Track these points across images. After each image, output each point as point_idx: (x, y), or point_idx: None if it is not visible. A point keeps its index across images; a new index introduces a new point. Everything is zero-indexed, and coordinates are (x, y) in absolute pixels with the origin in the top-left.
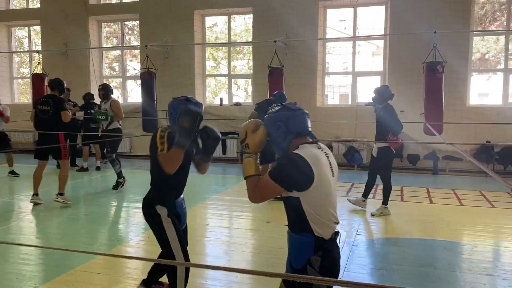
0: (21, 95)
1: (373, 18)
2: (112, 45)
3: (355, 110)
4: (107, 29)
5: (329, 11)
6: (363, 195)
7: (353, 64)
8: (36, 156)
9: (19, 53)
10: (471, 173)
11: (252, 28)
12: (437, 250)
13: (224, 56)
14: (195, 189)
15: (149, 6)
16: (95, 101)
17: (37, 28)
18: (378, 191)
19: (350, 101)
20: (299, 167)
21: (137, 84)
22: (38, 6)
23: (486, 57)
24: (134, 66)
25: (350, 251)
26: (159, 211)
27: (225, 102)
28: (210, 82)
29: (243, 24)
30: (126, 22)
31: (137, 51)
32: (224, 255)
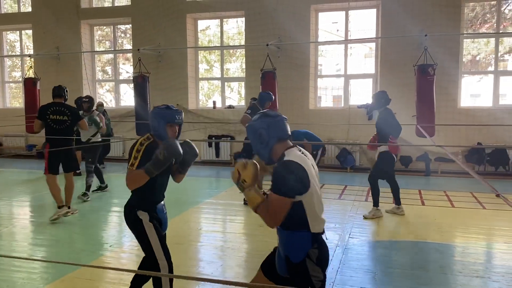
0: (13, 99)
1: (365, 21)
2: (105, 49)
3: (348, 113)
4: (100, 33)
5: (321, 14)
6: (396, 203)
7: (345, 67)
8: (51, 170)
9: (11, 57)
10: (463, 175)
11: (245, 31)
12: (429, 253)
13: (217, 59)
14: (188, 193)
15: (142, 10)
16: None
17: (29, 32)
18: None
19: (343, 104)
20: (298, 174)
21: (130, 88)
22: (30, 10)
23: (477, 59)
24: (127, 70)
25: (343, 254)
26: (141, 216)
27: (218, 105)
28: (203, 85)
29: (236, 27)
30: (119, 26)
31: (130, 55)
32: (218, 260)
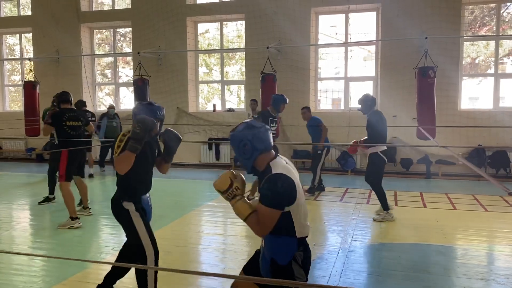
0: (12, 103)
1: (365, 24)
2: (104, 52)
3: (348, 115)
4: (99, 36)
5: (321, 17)
6: (384, 208)
7: (346, 70)
8: (69, 178)
9: (10, 61)
10: (464, 177)
11: (245, 35)
12: (432, 255)
13: (217, 63)
14: (189, 196)
15: (142, 13)
16: (87, 108)
17: (29, 36)
18: (373, 195)
19: (343, 106)
20: (287, 187)
21: (130, 91)
22: (30, 14)
23: (476, 62)
24: (127, 73)
25: (346, 257)
26: (127, 207)
27: (218, 108)
28: (203, 88)
29: (235, 31)
30: (118, 29)
31: (130, 58)
32: (220, 263)
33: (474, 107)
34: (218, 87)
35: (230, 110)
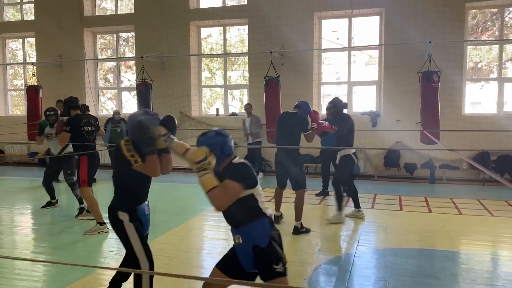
0: (15, 107)
1: (368, 28)
2: (107, 57)
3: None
4: (102, 41)
5: (324, 22)
6: (356, 206)
7: (349, 74)
8: (90, 183)
9: (13, 65)
10: (468, 182)
11: (248, 39)
12: (439, 260)
13: (220, 67)
14: (192, 200)
15: (145, 18)
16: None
17: (32, 40)
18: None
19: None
20: (250, 170)
21: (132, 95)
22: (33, 18)
23: (479, 66)
24: (129, 77)
25: (353, 263)
26: (121, 217)
27: (221, 113)
28: (206, 93)
29: (238, 35)
30: (121, 34)
31: (132, 62)
32: None
33: (478, 112)
34: (220, 92)
35: (233, 115)
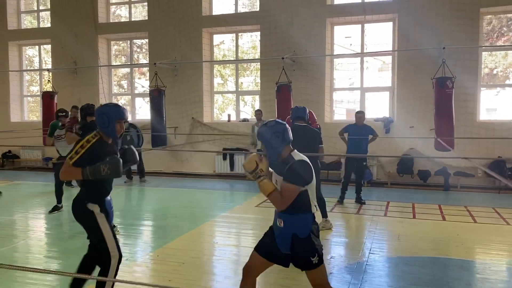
0: (31, 113)
1: (380, 34)
2: (121, 63)
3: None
4: (116, 47)
5: (336, 28)
6: (323, 216)
7: (361, 80)
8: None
9: (29, 72)
10: (483, 189)
11: (260, 45)
12: (453, 270)
13: (232, 73)
14: (203, 207)
15: (158, 25)
16: None
17: (47, 47)
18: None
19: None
20: (308, 169)
21: (145, 102)
22: (49, 26)
23: (494, 72)
24: (142, 84)
25: (365, 271)
26: (91, 208)
27: (233, 119)
28: (218, 99)
29: (250, 42)
30: (135, 40)
31: (145, 69)
32: (234, 275)
33: (492, 118)
34: (232, 98)
35: (245, 120)
